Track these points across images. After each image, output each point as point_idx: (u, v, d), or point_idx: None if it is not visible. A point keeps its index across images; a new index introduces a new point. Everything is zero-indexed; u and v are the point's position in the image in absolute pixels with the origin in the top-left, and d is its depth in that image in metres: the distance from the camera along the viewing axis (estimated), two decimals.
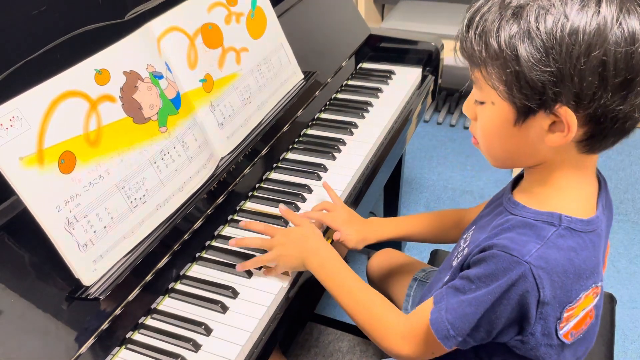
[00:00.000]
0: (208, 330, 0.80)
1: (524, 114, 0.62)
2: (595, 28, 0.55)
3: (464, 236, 0.80)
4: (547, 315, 0.65)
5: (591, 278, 0.66)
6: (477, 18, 0.62)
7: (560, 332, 0.67)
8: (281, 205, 0.97)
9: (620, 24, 0.55)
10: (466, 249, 0.75)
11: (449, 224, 1.00)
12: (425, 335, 0.73)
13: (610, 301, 1.10)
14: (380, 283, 1.19)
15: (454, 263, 0.77)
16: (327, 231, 0.99)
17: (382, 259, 1.20)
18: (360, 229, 0.98)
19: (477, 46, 0.62)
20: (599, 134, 0.61)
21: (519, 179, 0.76)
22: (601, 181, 0.73)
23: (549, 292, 0.63)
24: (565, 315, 0.66)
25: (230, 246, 0.93)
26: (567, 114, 0.59)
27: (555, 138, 0.62)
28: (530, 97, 0.60)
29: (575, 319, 0.68)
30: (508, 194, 0.73)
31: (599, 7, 0.56)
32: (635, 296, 1.70)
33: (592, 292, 0.67)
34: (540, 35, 0.57)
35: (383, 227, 1.01)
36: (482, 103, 0.67)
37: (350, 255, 1.89)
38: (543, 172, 0.68)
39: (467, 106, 0.70)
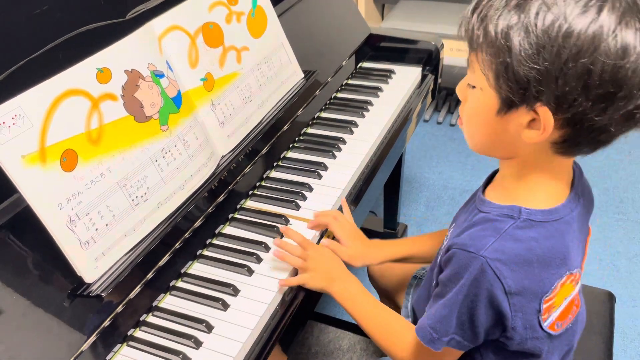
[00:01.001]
0: (209, 328, 0.80)
1: (506, 105, 0.63)
2: (590, 35, 0.55)
3: (447, 234, 0.83)
4: (522, 307, 0.66)
5: (563, 266, 0.67)
6: (484, 2, 0.62)
7: (545, 324, 0.68)
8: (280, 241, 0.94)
9: (616, 35, 0.55)
10: (444, 246, 0.77)
11: None
12: (424, 346, 0.75)
13: (609, 299, 1.10)
14: (381, 281, 1.19)
15: (439, 260, 0.79)
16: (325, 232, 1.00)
17: None
18: (362, 248, 0.99)
19: (477, 30, 0.62)
20: (574, 139, 0.62)
21: (492, 176, 0.78)
22: (576, 171, 0.74)
23: (513, 282, 0.65)
24: (544, 306, 0.67)
25: (230, 245, 0.93)
26: (546, 114, 0.60)
27: (532, 135, 0.63)
28: (514, 90, 0.60)
29: (558, 309, 0.69)
30: (479, 191, 0.76)
31: (599, 14, 0.55)
32: (635, 295, 1.70)
33: (568, 280, 0.68)
34: (536, 32, 0.57)
35: (385, 249, 1.02)
36: (473, 87, 0.68)
37: None
38: (516, 166, 0.70)
39: (460, 87, 0.71)
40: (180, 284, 0.89)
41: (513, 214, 0.67)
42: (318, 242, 0.98)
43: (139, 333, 0.82)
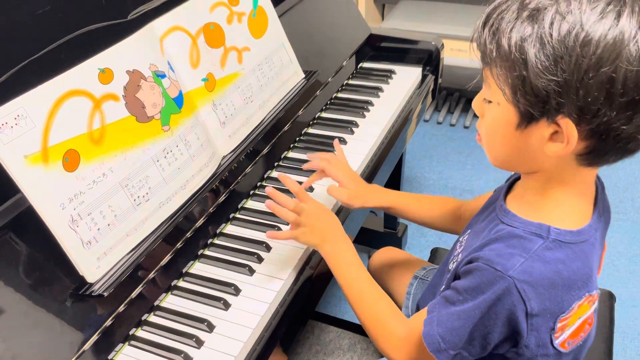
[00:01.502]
0: (211, 327, 0.81)
1: (526, 119, 0.61)
2: (611, 42, 0.53)
3: (460, 239, 0.81)
4: (538, 327, 0.64)
5: (584, 288, 0.65)
6: (495, 15, 0.60)
7: (556, 342, 0.66)
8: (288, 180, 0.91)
9: (638, 40, 0.53)
10: (460, 254, 0.75)
11: (448, 212, 1.00)
12: (420, 345, 0.73)
13: (609, 299, 1.11)
14: (381, 281, 1.19)
15: (451, 266, 0.78)
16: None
17: (383, 257, 1.21)
18: (361, 188, 0.98)
19: (489, 44, 0.60)
20: (600, 150, 0.60)
21: (513, 182, 0.76)
22: (598, 186, 0.72)
23: (536, 304, 0.63)
24: (559, 325, 0.65)
25: (231, 245, 0.94)
26: (569, 126, 0.58)
27: (555, 148, 0.60)
28: (533, 103, 0.58)
29: (571, 328, 0.67)
30: (501, 201, 0.73)
31: (618, 20, 0.53)
32: (635, 295, 1.71)
33: (586, 301, 0.66)
34: (552, 42, 0.55)
35: (384, 194, 1.01)
36: (489, 102, 0.66)
37: None
38: (540, 180, 0.67)
39: (476, 102, 0.69)
40: (181, 283, 0.89)
41: (542, 233, 0.65)
42: None
43: (140, 332, 0.82)
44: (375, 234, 1.86)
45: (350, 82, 1.44)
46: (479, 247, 0.68)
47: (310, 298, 0.91)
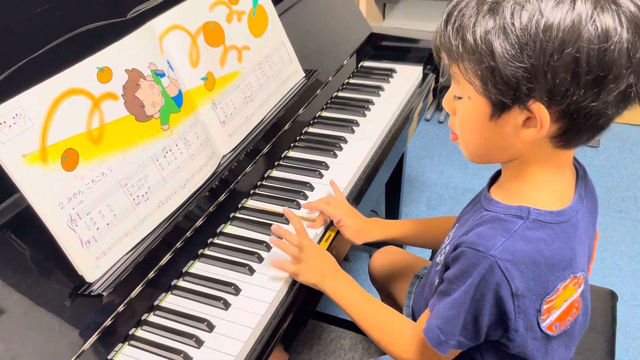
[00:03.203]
0: (211, 327, 0.80)
1: (499, 109, 0.63)
2: (570, 25, 0.56)
3: (449, 233, 0.82)
4: (525, 309, 0.66)
5: (568, 269, 0.66)
6: (455, 13, 0.62)
7: (543, 325, 0.67)
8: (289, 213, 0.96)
9: (594, 21, 0.55)
10: (448, 246, 0.76)
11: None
12: (426, 345, 0.74)
13: (611, 298, 1.10)
14: (382, 281, 1.19)
15: (439, 259, 0.79)
16: (330, 226, 1.00)
17: (384, 257, 1.21)
18: (360, 224, 0.99)
19: (454, 41, 0.62)
20: (573, 129, 0.62)
21: (497, 175, 0.77)
22: (579, 170, 0.73)
23: (520, 283, 0.64)
24: (544, 307, 0.66)
25: (231, 244, 0.93)
26: (540, 110, 0.60)
27: (529, 133, 0.62)
28: (504, 92, 0.60)
29: (558, 310, 0.68)
30: (485, 191, 0.75)
31: (574, 4, 0.56)
32: (638, 294, 1.70)
33: (571, 283, 0.68)
34: (515, 31, 0.57)
35: (384, 227, 1.02)
36: (460, 98, 0.67)
37: (352, 254, 1.89)
38: (518, 166, 0.69)
39: (446, 101, 0.71)
40: (181, 283, 0.89)
41: (522, 214, 0.66)
42: (320, 241, 0.98)
43: (140, 332, 0.82)
44: None
45: (351, 81, 1.44)
46: (464, 234, 0.70)
47: (311, 298, 0.91)
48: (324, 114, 1.31)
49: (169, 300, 0.86)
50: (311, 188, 1.07)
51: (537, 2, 0.57)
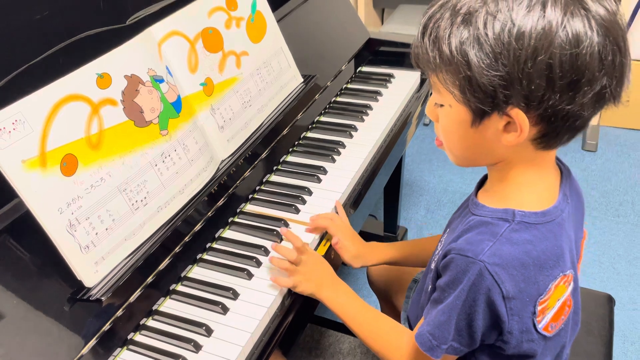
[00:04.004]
0: (209, 331, 0.81)
1: (479, 116, 0.64)
2: (541, 32, 0.57)
3: (441, 239, 0.83)
4: (519, 311, 0.66)
5: (557, 267, 0.67)
6: (431, 25, 0.63)
7: (539, 326, 0.68)
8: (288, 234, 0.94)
9: (565, 27, 0.57)
10: (440, 251, 0.77)
11: None
12: (422, 353, 0.75)
13: (608, 302, 1.11)
14: (381, 285, 1.19)
15: (433, 265, 0.80)
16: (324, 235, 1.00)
17: None
18: (360, 248, 1.00)
19: (431, 52, 0.64)
20: (552, 132, 0.63)
21: (485, 179, 0.78)
22: (563, 170, 0.74)
23: (511, 286, 0.65)
24: (539, 308, 0.67)
25: (229, 249, 0.94)
26: (519, 115, 0.61)
27: (510, 138, 0.64)
28: (482, 100, 0.61)
29: (552, 310, 0.69)
30: (472, 196, 0.76)
31: (544, 11, 0.57)
32: (635, 298, 1.70)
33: (562, 281, 0.69)
34: (489, 41, 0.58)
35: (382, 251, 1.03)
36: (441, 106, 0.69)
37: None
38: (502, 169, 0.70)
39: (429, 109, 0.72)
40: (180, 287, 0.89)
41: (507, 217, 0.67)
42: (317, 246, 0.98)
43: (138, 337, 0.82)
44: (375, 237, 1.86)
45: (349, 86, 1.45)
46: (453, 240, 0.71)
47: (309, 302, 0.91)
48: (323, 118, 1.32)
49: (168, 305, 0.86)
50: (309, 193, 1.08)
51: (508, 12, 0.58)
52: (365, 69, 1.53)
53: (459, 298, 0.67)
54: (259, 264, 0.92)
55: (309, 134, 1.26)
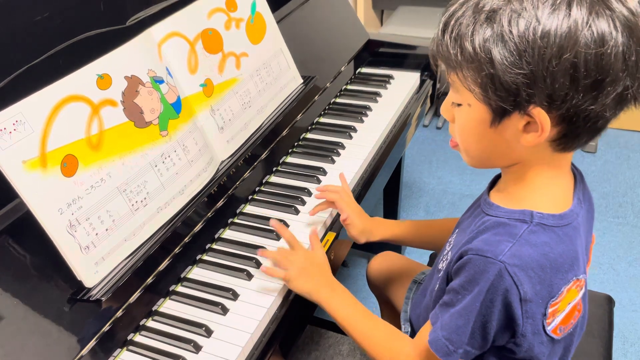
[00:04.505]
0: (209, 332, 0.81)
1: (499, 115, 0.63)
2: (566, 31, 0.57)
3: (450, 239, 0.82)
4: (533, 313, 0.66)
5: (571, 271, 0.67)
6: (452, 22, 0.63)
7: (548, 328, 0.68)
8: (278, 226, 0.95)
9: (590, 26, 0.57)
10: (450, 252, 0.76)
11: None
12: (428, 357, 0.74)
13: (608, 303, 1.11)
14: (380, 286, 1.19)
15: (440, 266, 0.79)
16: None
17: (382, 262, 1.21)
18: (366, 223, 1.00)
19: (452, 49, 0.63)
20: (572, 133, 0.63)
21: (496, 179, 0.78)
22: (577, 175, 0.74)
23: (529, 288, 0.64)
24: (550, 310, 0.67)
25: (229, 250, 0.94)
26: (541, 115, 0.60)
27: (530, 138, 0.63)
28: (504, 98, 0.61)
29: (562, 314, 0.69)
30: (485, 195, 0.75)
31: (570, 10, 0.57)
32: (635, 299, 1.70)
33: (574, 285, 0.68)
34: (513, 39, 0.58)
35: (387, 227, 1.03)
36: (459, 105, 0.68)
37: (350, 260, 1.90)
38: (519, 171, 0.70)
39: (445, 108, 0.72)
40: (179, 288, 0.89)
41: (526, 219, 0.67)
42: (323, 237, 0.98)
43: (138, 337, 0.82)
44: None
45: (349, 87, 1.45)
46: (467, 241, 0.70)
47: (309, 303, 0.91)
48: (322, 120, 1.32)
49: (168, 306, 0.87)
50: (309, 194, 1.08)
51: (533, 10, 0.58)
52: (364, 70, 1.53)
53: (477, 299, 0.66)
54: (258, 264, 0.92)
55: (309, 135, 1.27)
